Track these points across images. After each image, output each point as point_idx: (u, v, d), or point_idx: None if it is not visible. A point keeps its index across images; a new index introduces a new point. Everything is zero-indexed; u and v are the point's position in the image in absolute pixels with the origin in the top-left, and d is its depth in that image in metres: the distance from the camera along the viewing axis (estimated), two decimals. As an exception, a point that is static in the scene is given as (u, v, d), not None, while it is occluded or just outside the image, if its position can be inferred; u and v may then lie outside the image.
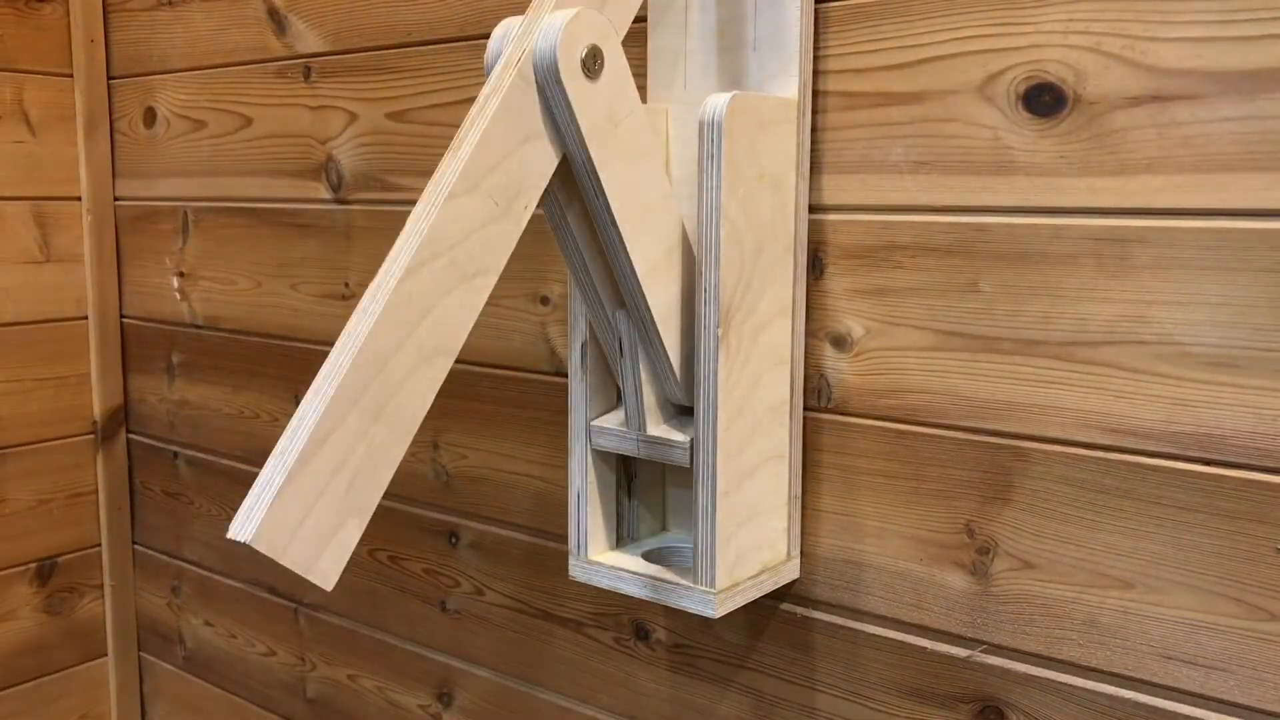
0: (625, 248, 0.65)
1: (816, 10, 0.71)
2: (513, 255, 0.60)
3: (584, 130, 0.60)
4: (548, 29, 0.59)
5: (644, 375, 0.70)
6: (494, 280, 0.59)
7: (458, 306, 0.56)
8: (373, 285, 0.54)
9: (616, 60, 0.62)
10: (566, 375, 0.89)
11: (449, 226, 0.56)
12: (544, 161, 0.61)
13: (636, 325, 0.69)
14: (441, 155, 0.94)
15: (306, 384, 1.10)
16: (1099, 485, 0.64)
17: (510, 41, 0.60)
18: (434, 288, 0.55)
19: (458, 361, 0.95)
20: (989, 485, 0.68)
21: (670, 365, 0.69)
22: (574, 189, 0.65)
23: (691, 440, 0.69)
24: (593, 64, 0.60)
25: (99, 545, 1.33)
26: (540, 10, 0.60)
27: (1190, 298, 0.60)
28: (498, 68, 0.59)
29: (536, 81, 0.59)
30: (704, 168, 0.64)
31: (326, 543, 0.51)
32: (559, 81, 0.59)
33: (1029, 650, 0.68)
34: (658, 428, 0.71)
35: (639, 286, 0.66)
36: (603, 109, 0.61)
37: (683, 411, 0.73)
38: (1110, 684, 0.65)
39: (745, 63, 0.71)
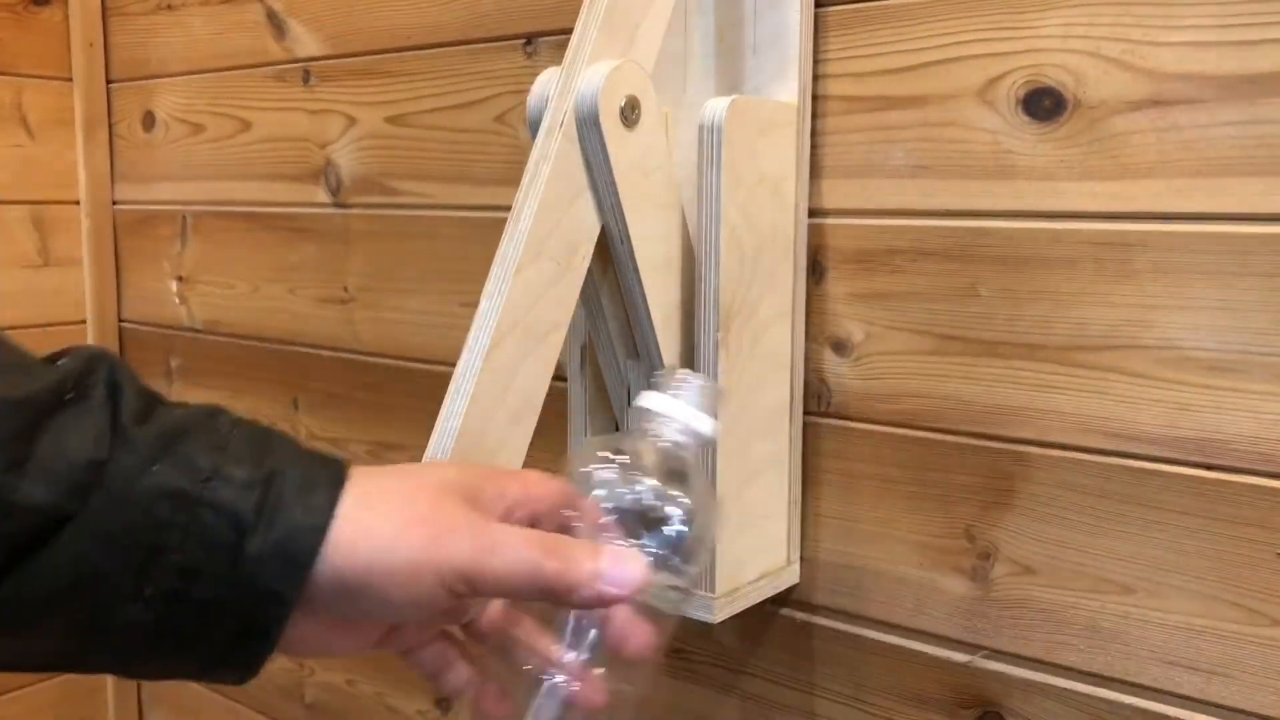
0: (644, 296, 0.66)
1: (816, 14, 0.71)
2: (512, 259, 0.60)
3: (617, 176, 0.62)
4: (591, 76, 0.60)
5: None
6: (564, 332, 0.61)
7: (536, 366, 0.60)
8: (460, 365, 0.58)
9: (653, 113, 0.63)
10: (566, 380, 0.89)
11: (520, 298, 0.59)
12: (593, 213, 0.63)
13: (646, 375, 0.69)
14: (440, 158, 0.95)
15: (305, 388, 1.10)
16: (1100, 490, 0.64)
17: (551, 101, 0.62)
18: (514, 356, 0.59)
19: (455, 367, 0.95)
20: (989, 490, 0.68)
21: None
22: (600, 235, 0.66)
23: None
24: (630, 113, 0.62)
25: (97, 550, 1.33)
26: (576, 62, 0.62)
27: (1191, 302, 0.60)
28: (542, 132, 0.61)
29: (578, 132, 0.61)
30: (703, 172, 0.64)
31: None
32: (597, 125, 0.60)
33: (1029, 655, 0.68)
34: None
35: (654, 336, 0.67)
36: (636, 158, 0.63)
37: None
38: (1111, 689, 0.65)
39: (745, 66, 0.71)
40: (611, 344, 0.70)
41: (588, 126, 0.61)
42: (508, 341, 0.58)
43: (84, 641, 0.38)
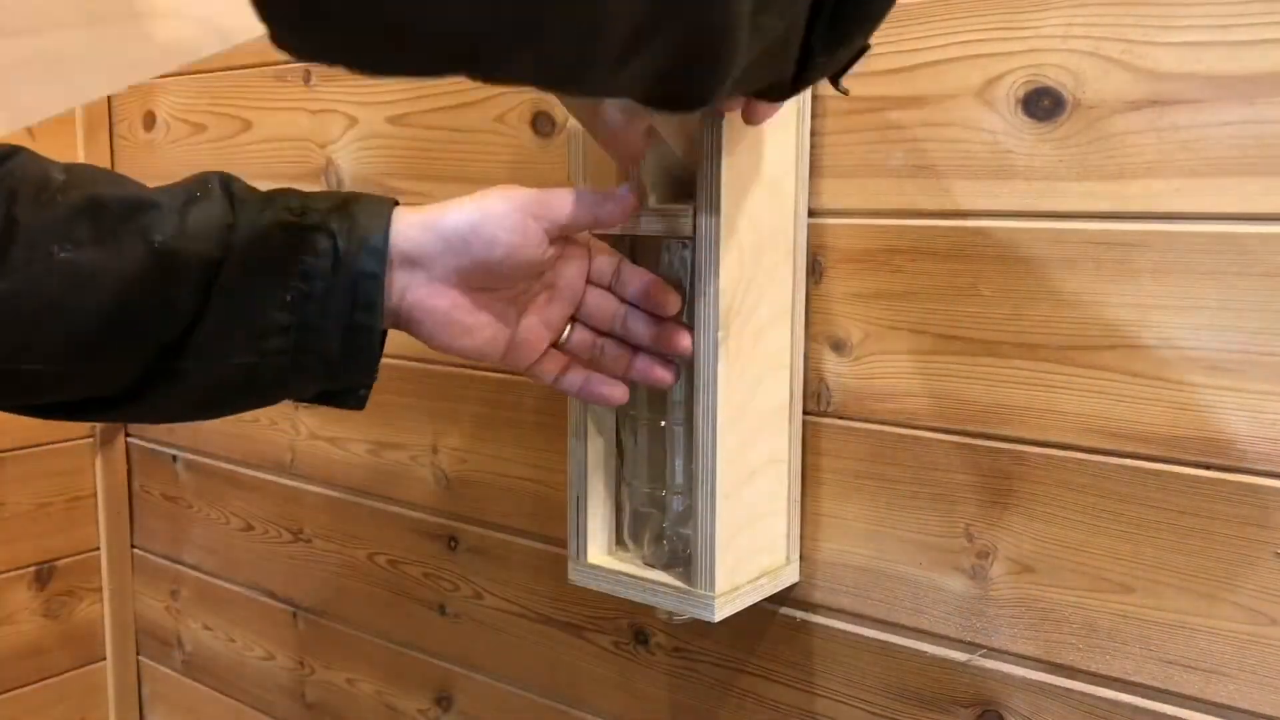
0: None
1: (816, 14, 0.71)
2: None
3: None
4: None
5: None
6: None
7: None
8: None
9: None
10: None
11: None
12: None
13: None
14: (440, 158, 0.95)
15: (306, 388, 1.10)
16: (1099, 489, 0.64)
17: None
18: None
19: (456, 364, 0.95)
20: (988, 489, 0.68)
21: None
22: None
23: (693, 208, 0.65)
24: None
25: (98, 549, 1.33)
26: None
27: (1190, 302, 0.60)
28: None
29: None
30: (703, 171, 0.64)
31: None
32: None
33: (1028, 654, 0.68)
34: (660, 203, 0.68)
35: None
36: None
37: (683, 188, 0.68)
38: (1110, 688, 0.65)
39: (745, 67, 0.71)
40: None
41: None
42: None
43: (253, 355, 0.54)
